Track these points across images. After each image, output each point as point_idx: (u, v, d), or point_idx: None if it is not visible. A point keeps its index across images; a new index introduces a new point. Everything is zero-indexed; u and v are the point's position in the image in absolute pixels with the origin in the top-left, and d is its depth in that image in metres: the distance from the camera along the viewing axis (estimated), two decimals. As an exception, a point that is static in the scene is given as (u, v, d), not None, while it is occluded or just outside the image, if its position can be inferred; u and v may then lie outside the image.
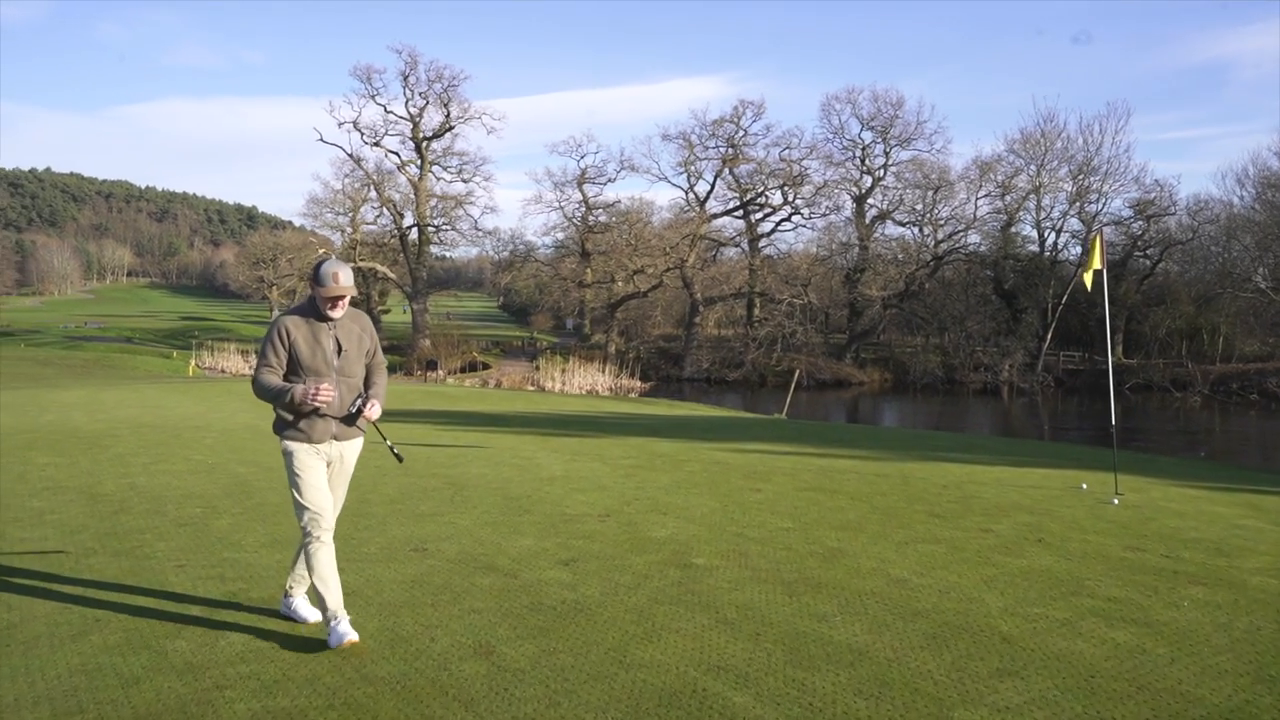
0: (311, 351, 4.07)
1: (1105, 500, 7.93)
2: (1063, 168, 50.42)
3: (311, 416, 4.10)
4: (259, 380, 4.07)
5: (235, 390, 21.09)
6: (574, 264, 54.97)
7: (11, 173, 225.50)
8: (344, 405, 4.15)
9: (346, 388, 4.18)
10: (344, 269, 4.10)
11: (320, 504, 4.15)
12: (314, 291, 4.17)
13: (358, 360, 4.24)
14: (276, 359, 4.07)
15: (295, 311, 4.20)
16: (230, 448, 10.69)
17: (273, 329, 4.12)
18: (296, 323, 4.12)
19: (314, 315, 4.15)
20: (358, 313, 4.29)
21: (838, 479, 8.93)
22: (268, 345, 4.09)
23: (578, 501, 7.53)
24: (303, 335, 4.08)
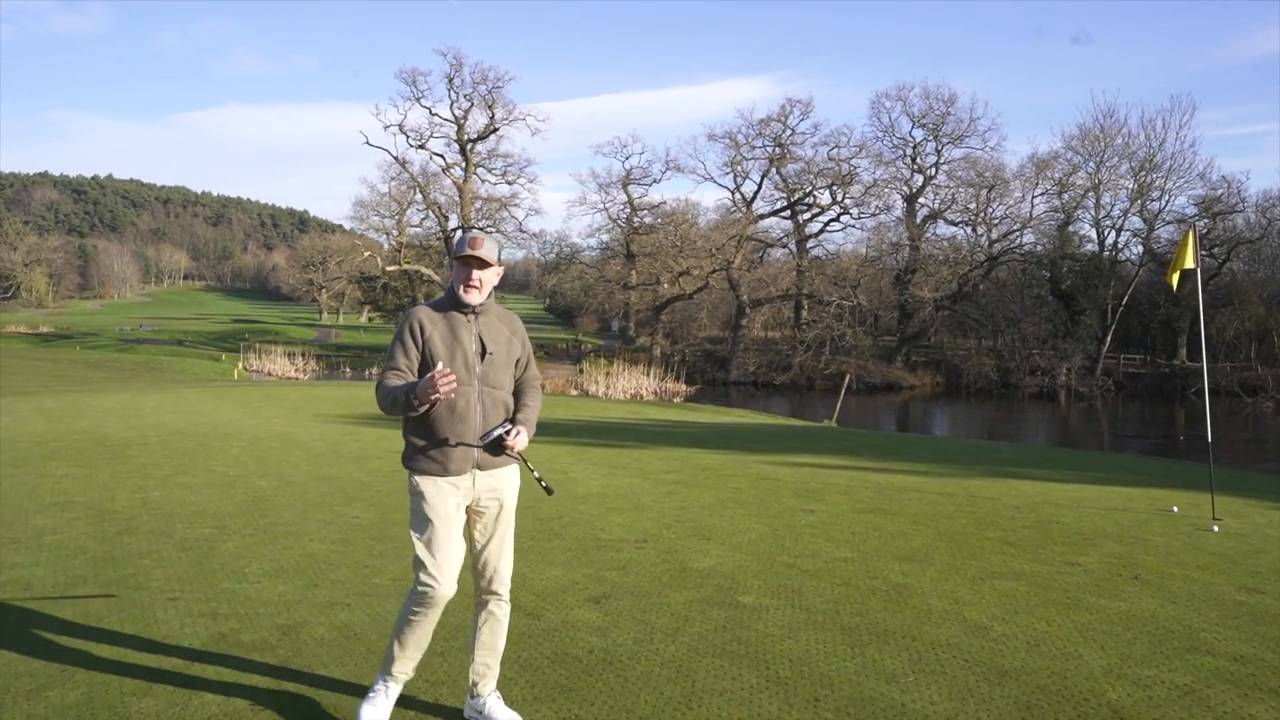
0: (450, 351, 3.30)
1: (1203, 527, 7.09)
2: (1123, 164, 48.63)
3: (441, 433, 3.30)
4: (382, 387, 3.28)
5: (275, 395, 20.88)
6: (619, 266, 54.45)
7: (75, 179, 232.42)
8: (486, 424, 3.34)
9: (490, 402, 3.37)
10: (486, 237, 3.39)
11: (445, 562, 3.27)
12: (451, 272, 3.48)
13: (505, 368, 3.44)
14: (406, 359, 3.31)
15: (430, 304, 3.48)
16: (255, 458, 10.28)
17: (403, 323, 3.39)
18: (431, 315, 3.37)
19: (452, 306, 3.39)
20: (508, 313, 3.55)
21: (898, 499, 8.19)
22: (396, 344, 3.36)
23: (614, 524, 6.91)
24: (439, 331, 3.32)
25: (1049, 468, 10.86)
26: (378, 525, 6.81)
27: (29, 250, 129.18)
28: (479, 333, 3.36)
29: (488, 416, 3.35)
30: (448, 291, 3.44)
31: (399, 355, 3.34)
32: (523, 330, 3.59)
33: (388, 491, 8.23)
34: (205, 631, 4.42)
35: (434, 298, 3.60)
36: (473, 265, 3.33)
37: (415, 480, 3.32)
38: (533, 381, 3.59)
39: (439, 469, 3.29)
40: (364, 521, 6.94)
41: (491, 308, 3.45)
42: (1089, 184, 49.13)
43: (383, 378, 3.33)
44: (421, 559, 3.26)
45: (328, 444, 11.76)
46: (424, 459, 3.31)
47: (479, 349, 3.36)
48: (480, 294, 3.35)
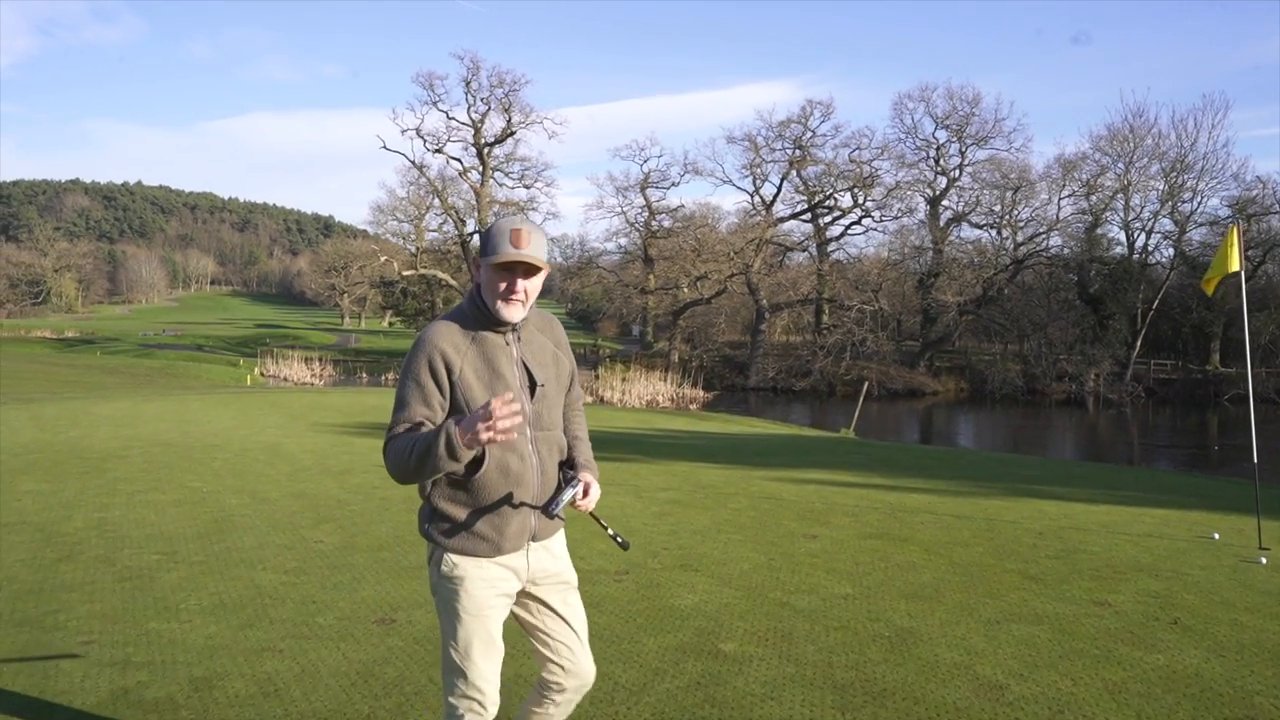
0: (489, 390, 2.41)
1: (1249, 558, 6.40)
2: (1154, 165, 47.47)
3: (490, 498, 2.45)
4: (392, 445, 2.36)
5: (280, 402, 20.51)
6: (637, 270, 53.89)
7: (105, 186, 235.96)
8: (545, 481, 2.52)
9: (546, 450, 2.54)
10: (531, 227, 2.44)
11: (492, 672, 2.48)
12: (477, 275, 2.52)
13: (557, 399, 2.60)
14: (427, 408, 2.38)
15: (451, 318, 2.50)
16: (235, 472, 9.81)
17: (416, 356, 2.42)
18: (456, 340, 2.43)
19: (483, 323, 2.47)
20: (547, 317, 2.66)
21: (909, 522, 7.55)
22: (409, 386, 2.41)
23: (595, 552, 6.34)
24: (470, 362, 2.42)
25: (1076, 485, 10.15)
26: (340, 551, 6.28)
27: (59, 256, 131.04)
28: (522, 357, 2.49)
29: (546, 471, 2.52)
30: (471, 301, 2.50)
31: (415, 403, 2.38)
32: (565, 336, 2.72)
33: (361, 511, 7.71)
34: (107, 686, 3.89)
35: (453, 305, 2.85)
36: (517, 272, 2.41)
37: (449, 562, 2.45)
38: (578, 404, 2.78)
39: (487, 547, 2.45)
40: (326, 547, 6.41)
41: (530, 317, 2.56)
42: (1118, 185, 48.00)
43: (390, 440, 2.38)
44: (460, 670, 2.45)
45: (316, 456, 11.29)
46: (464, 535, 2.45)
47: (526, 381, 2.49)
48: (525, 308, 2.46)
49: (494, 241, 2.40)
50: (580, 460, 2.62)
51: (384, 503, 8.12)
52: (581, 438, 2.71)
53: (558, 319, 2.74)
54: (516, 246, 2.37)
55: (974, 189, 50.72)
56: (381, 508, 7.86)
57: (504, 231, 2.40)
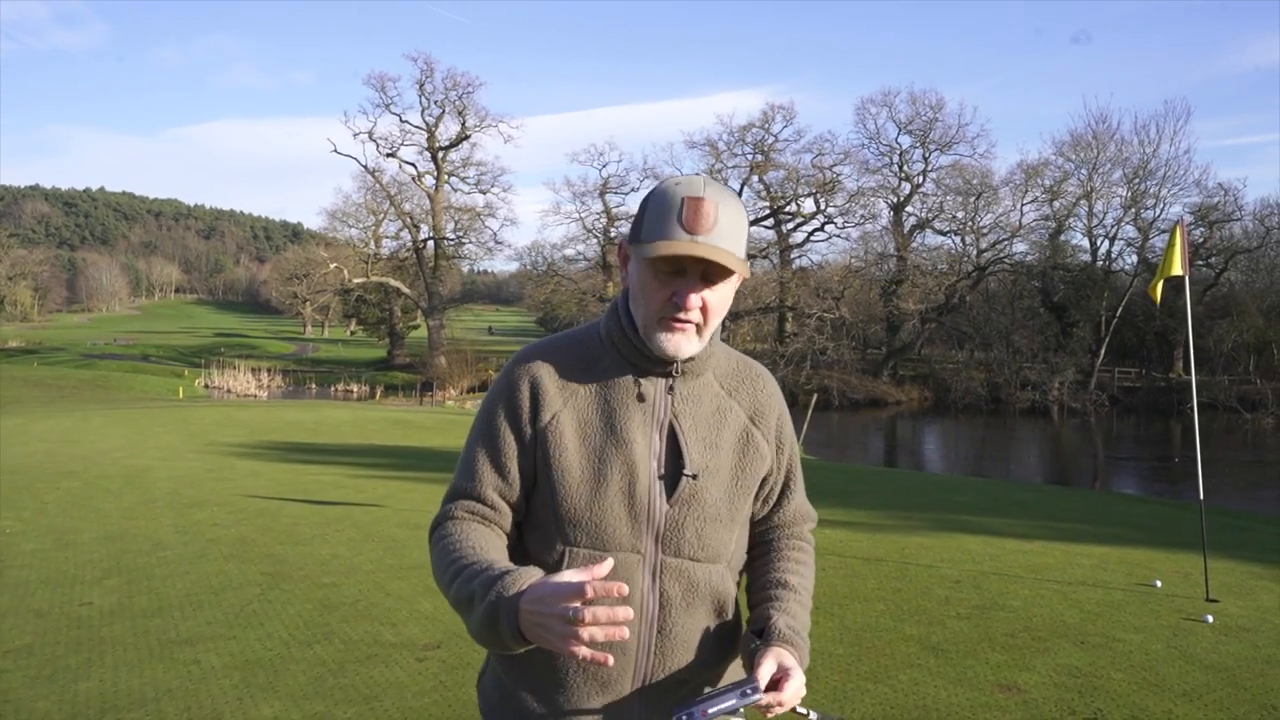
0: (599, 470, 1.44)
1: (1193, 615, 5.41)
2: (1116, 171, 47.13)
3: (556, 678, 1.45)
4: (435, 549, 1.46)
5: (191, 417, 19.19)
6: (594, 277, 52.79)
7: (66, 192, 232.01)
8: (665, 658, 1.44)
9: (680, 594, 1.45)
10: (722, 194, 1.40)
11: None
12: (626, 275, 1.50)
13: (727, 507, 1.49)
14: (497, 475, 1.47)
15: (572, 339, 1.56)
16: (67, 504, 8.61)
17: (498, 384, 1.53)
18: (562, 366, 1.50)
19: (620, 352, 1.49)
20: (749, 365, 1.61)
21: (810, 567, 6.50)
22: (478, 429, 1.51)
23: (409, 615, 5.23)
24: (576, 409, 1.47)
25: (1012, 515, 9.16)
26: (101, 618, 5.11)
27: (14, 264, 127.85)
28: (672, 419, 1.47)
29: (672, 636, 1.44)
30: (613, 317, 1.51)
31: (481, 463, 1.48)
32: (780, 407, 1.60)
33: (171, 559, 6.55)
34: None
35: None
36: (692, 276, 1.40)
37: None
38: (795, 528, 1.66)
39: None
40: (88, 612, 5.24)
41: (711, 359, 1.53)
42: (1081, 191, 47.64)
43: (440, 521, 1.49)
44: None
45: (176, 484, 10.10)
46: (514, 713, 1.49)
47: (664, 461, 1.46)
48: (699, 339, 1.45)
49: (654, 216, 1.40)
50: (775, 625, 1.45)
51: (207, 545, 6.98)
52: (792, 586, 1.54)
53: (769, 377, 1.62)
54: (694, 230, 1.36)
55: (937, 195, 50.21)
56: (198, 554, 6.71)
57: (673, 201, 1.38)
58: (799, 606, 1.51)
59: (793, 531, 1.65)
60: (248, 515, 8.25)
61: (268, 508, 8.64)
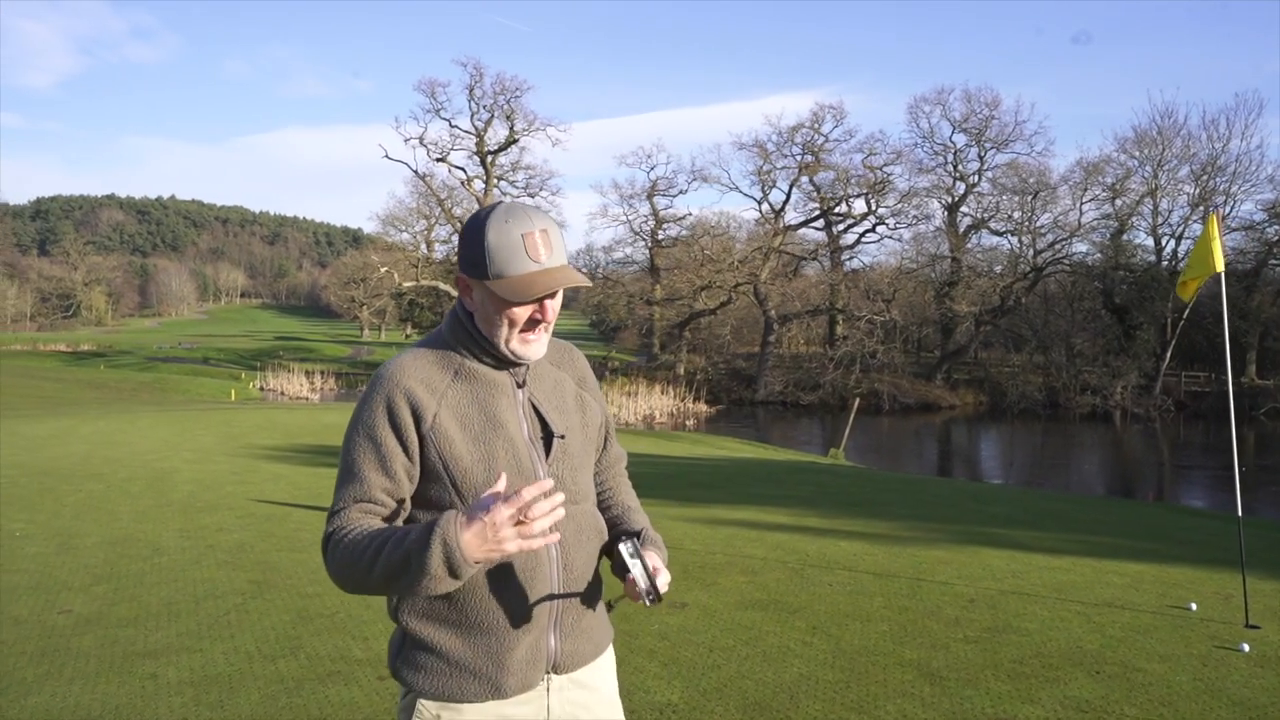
0: (487, 452, 1.67)
1: (1228, 643, 4.95)
2: (1183, 168, 45.31)
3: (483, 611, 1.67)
4: (339, 552, 1.60)
5: (234, 420, 19.46)
6: (643, 280, 52.62)
7: (140, 201, 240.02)
8: (569, 576, 1.73)
9: (574, 531, 1.74)
10: (545, 220, 1.66)
11: None
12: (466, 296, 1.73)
13: (585, 458, 1.83)
14: (384, 475, 1.65)
15: (425, 350, 1.75)
16: (83, 507, 8.67)
17: (369, 398, 1.69)
18: (426, 374, 1.70)
19: (473, 354, 1.72)
20: (560, 344, 1.90)
21: (815, 583, 6.17)
22: (357, 442, 1.66)
23: (391, 630, 5.04)
24: (451, 406, 1.68)
25: (1046, 528, 8.66)
26: (76, 627, 5.03)
27: (89, 270, 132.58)
28: (531, 398, 1.75)
29: (571, 564, 1.73)
30: (456, 325, 1.73)
31: (369, 469, 1.64)
32: (590, 372, 1.95)
33: (166, 565, 6.49)
34: None
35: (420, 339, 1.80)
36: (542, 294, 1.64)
37: (426, 711, 1.67)
38: (619, 465, 2.01)
39: (480, 687, 1.67)
40: (64, 621, 5.17)
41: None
42: (1145, 189, 45.90)
43: (339, 525, 1.63)
44: None
45: (198, 487, 10.13)
46: (447, 671, 1.67)
47: (538, 431, 1.74)
48: (547, 339, 1.75)
49: (501, 255, 1.62)
50: (647, 533, 1.86)
51: (205, 551, 6.91)
52: (634, 507, 1.95)
53: (577, 348, 1.95)
54: (545, 260, 1.63)
55: (993, 195, 48.86)
56: (193, 560, 6.64)
57: (515, 240, 1.62)
58: (647, 521, 1.93)
59: (619, 468, 2.01)
60: (254, 520, 8.19)
61: (276, 513, 8.58)
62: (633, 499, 1.98)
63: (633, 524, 1.88)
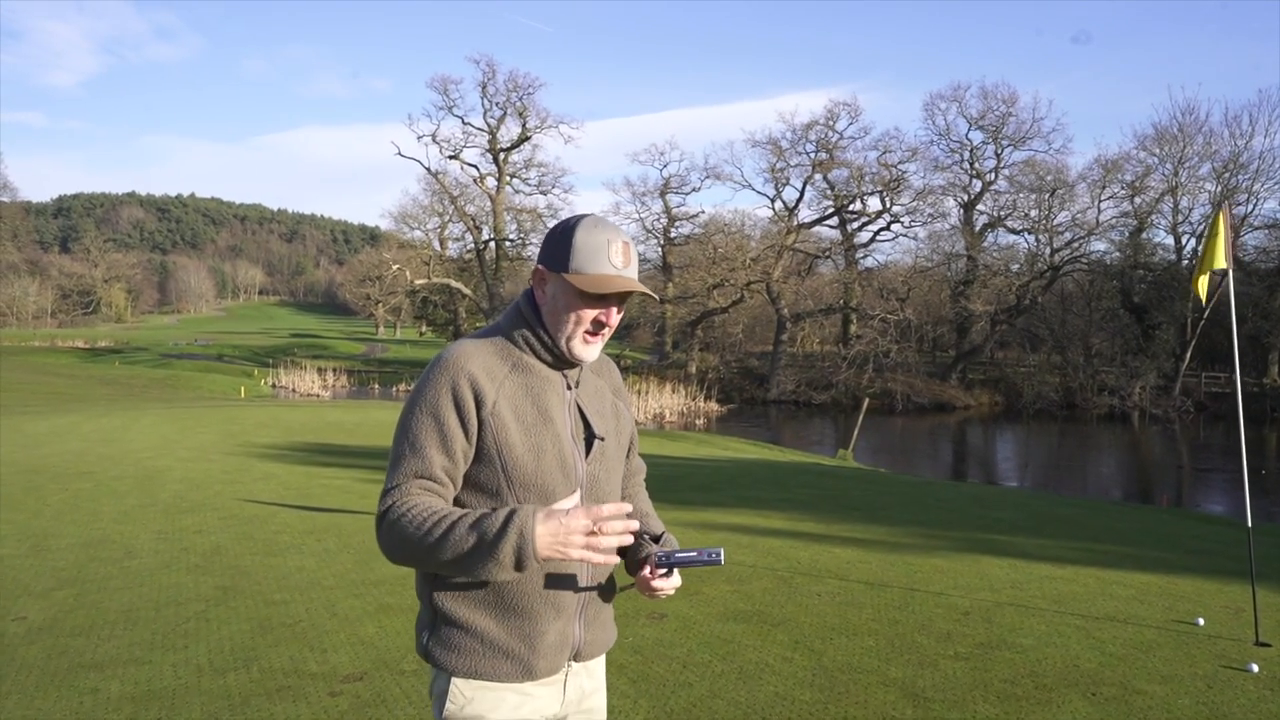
0: (534, 440, 1.76)
1: (1236, 662, 4.66)
2: (1204, 165, 44.60)
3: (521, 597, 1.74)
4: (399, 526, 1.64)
5: (238, 417, 19.35)
6: (655, 278, 52.34)
7: (160, 199, 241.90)
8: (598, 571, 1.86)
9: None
10: (623, 233, 1.80)
11: None
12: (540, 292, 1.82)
13: (617, 463, 1.93)
14: (445, 455, 1.71)
15: (485, 340, 1.82)
16: (64, 506, 8.52)
17: (433, 379, 1.74)
18: (488, 363, 1.77)
19: (531, 350, 1.82)
20: (603, 356, 1.99)
21: (803, 593, 5.91)
22: (420, 419, 1.72)
23: (353, 640, 4.83)
24: (508, 396, 1.76)
25: (1051, 534, 8.34)
26: (26, 637, 4.84)
27: (109, 267, 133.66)
28: (576, 399, 1.86)
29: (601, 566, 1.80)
30: (518, 320, 1.83)
31: (431, 448, 1.70)
32: (621, 381, 2.08)
33: (135, 569, 6.30)
34: None
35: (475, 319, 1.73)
36: (613, 302, 1.79)
37: (460, 695, 1.73)
38: (640, 475, 2.17)
39: (513, 668, 1.75)
40: (13, 631, 4.98)
41: None
42: (1165, 187, 45.22)
43: (398, 499, 1.67)
44: None
45: (186, 486, 9.98)
46: (482, 652, 1.74)
47: (581, 431, 1.85)
48: (598, 347, 1.86)
49: (585, 253, 1.74)
50: (667, 537, 1.98)
51: (178, 555, 6.73)
52: (652, 515, 2.07)
53: (614, 361, 2.09)
54: (621, 267, 1.77)
55: (1010, 193, 48.25)
56: (164, 564, 6.45)
57: (600, 243, 1.75)
58: (659, 525, 2.02)
59: (638, 480, 2.14)
60: (236, 522, 8.01)
61: (259, 514, 8.39)
62: (649, 507, 2.11)
63: (652, 528, 1.97)
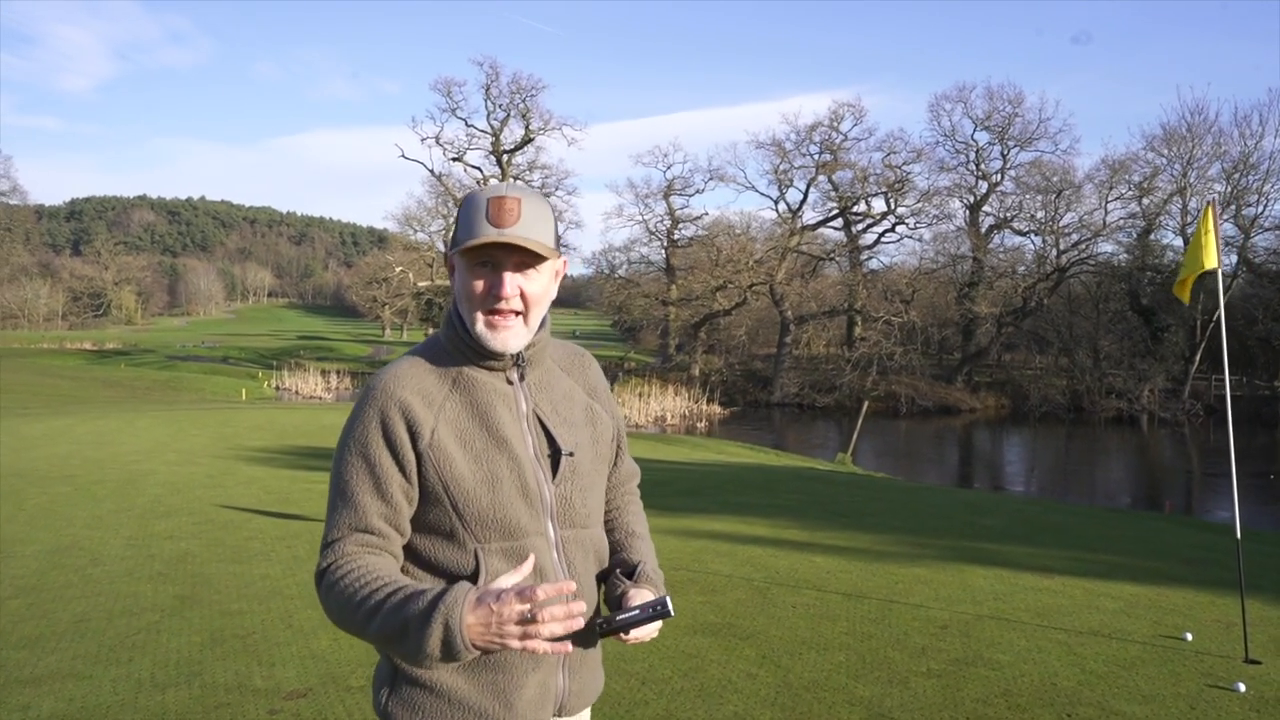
0: (490, 472, 1.54)
1: (1222, 681, 4.46)
2: (1214, 166, 44.16)
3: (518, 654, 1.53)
4: (334, 593, 1.48)
5: (235, 420, 19.26)
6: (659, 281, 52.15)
7: (170, 201, 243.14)
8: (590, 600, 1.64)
9: (581, 557, 1.62)
10: (525, 192, 1.55)
11: None
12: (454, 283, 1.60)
13: (594, 477, 1.67)
14: (380, 500, 1.51)
15: (419, 353, 1.62)
16: (35, 514, 8.39)
17: (360, 413, 1.55)
18: (422, 384, 1.56)
19: (465, 356, 1.59)
20: (574, 350, 1.78)
21: (778, 604, 5.73)
22: (349, 462, 1.53)
23: (303, 654, 4.67)
24: (449, 420, 1.55)
25: (1042, 543, 8.12)
26: (-35, 647, 4.71)
27: (119, 269, 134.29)
28: (536, 409, 1.62)
29: (579, 592, 1.57)
30: (449, 325, 1.63)
31: (363, 493, 1.51)
32: (604, 381, 1.81)
33: (100, 576, 6.16)
34: None
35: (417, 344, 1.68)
36: (503, 266, 1.54)
37: None
38: (630, 483, 1.87)
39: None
40: (-40, 638, 4.84)
41: (545, 346, 1.67)
42: (1174, 188, 44.79)
43: (334, 560, 1.50)
44: None
45: (166, 490, 9.86)
46: (450, 712, 1.51)
47: (544, 447, 1.61)
48: (526, 330, 1.58)
49: (464, 222, 1.53)
50: (644, 570, 1.69)
51: (143, 562, 6.58)
52: (639, 534, 1.80)
53: (591, 355, 1.81)
54: (500, 224, 1.50)
55: (1016, 194, 47.89)
56: (127, 572, 6.31)
57: (479, 204, 1.53)
58: (651, 552, 1.77)
59: (628, 488, 1.85)
60: (209, 528, 7.87)
61: (234, 519, 8.26)
62: (639, 523, 1.83)
63: (631, 555, 1.73)
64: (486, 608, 1.35)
